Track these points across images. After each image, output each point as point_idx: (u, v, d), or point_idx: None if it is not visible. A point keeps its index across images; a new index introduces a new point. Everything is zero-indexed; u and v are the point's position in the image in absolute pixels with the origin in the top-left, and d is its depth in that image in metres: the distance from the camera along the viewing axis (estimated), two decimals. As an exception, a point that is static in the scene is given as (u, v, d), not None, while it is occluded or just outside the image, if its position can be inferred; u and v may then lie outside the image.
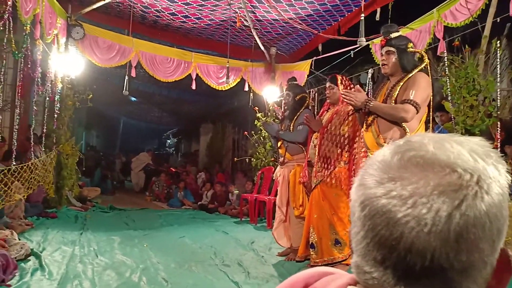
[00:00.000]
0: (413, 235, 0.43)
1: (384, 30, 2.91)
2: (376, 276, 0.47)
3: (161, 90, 9.67)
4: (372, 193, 0.47)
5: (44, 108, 6.11)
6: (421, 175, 0.45)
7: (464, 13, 3.96)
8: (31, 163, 4.80)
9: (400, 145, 0.49)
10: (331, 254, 3.53)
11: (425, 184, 0.44)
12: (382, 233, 0.45)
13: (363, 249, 0.48)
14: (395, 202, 0.45)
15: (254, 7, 5.57)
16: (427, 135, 0.49)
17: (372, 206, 0.46)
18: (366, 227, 0.47)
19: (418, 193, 0.44)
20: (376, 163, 0.49)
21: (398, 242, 0.44)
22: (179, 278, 3.28)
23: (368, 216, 0.47)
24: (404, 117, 2.66)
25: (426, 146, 0.47)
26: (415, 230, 0.43)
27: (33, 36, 4.57)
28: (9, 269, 3.06)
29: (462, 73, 3.64)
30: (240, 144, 11.41)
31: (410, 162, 0.46)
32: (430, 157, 0.46)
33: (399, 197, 0.45)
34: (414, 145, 0.48)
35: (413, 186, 0.44)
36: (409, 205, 0.44)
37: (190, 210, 7.91)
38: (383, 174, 0.47)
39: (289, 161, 4.27)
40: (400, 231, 0.44)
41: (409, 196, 0.44)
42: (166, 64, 6.44)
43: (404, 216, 0.44)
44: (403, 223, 0.44)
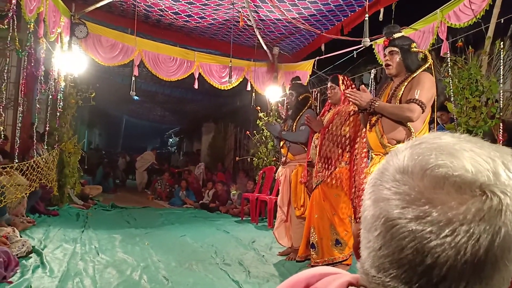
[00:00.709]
0: (449, 264, 0.41)
1: (386, 31, 2.90)
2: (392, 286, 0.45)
3: (163, 89, 9.69)
4: (400, 214, 0.43)
5: (47, 106, 6.13)
6: (460, 199, 0.41)
7: (467, 14, 3.95)
8: (33, 161, 4.82)
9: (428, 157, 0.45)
10: (331, 254, 3.53)
11: (467, 211, 0.41)
12: (411, 258, 0.42)
13: (383, 265, 0.45)
14: (430, 229, 0.41)
15: (257, 6, 5.57)
16: (459, 144, 0.45)
17: (400, 229, 0.43)
18: (391, 248, 0.44)
19: (459, 220, 0.41)
20: (397, 170, 0.46)
21: (431, 269, 0.41)
22: (179, 276, 3.28)
23: (395, 238, 0.43)
24: (410, 117, 2.64)
25: (463, 163, 0.43)
26: (451, 259, 0.41)
27: (36, 34, 4.59)
28: (11, 266, 3.07)
29: (465, 74, 3.63)
30: (242, 143, 11.41)
31: (446, 181, 0.42)
32: (469, 178, 0.42)
33: (436, 224, 0.41)
34: (446, 160, 0.44)
35: (454, 213, 0.41)
36: (447, 233, 0.41)
37: (191, 209, 7.92)
38: (412, 193, 0.43)
39: (291, 161, 4.26)
40: (434, 258, 0.41)
41: (447, 223, 0.41)
42: (169, 63, 6.45)
43: (440, 244, 0.41)
44: (439, 251, 0.41)
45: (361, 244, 0.49)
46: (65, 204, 6.38)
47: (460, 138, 0.47)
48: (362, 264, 0.49)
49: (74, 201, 6.77)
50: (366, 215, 0.48)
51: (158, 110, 13.82)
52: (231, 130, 12.37)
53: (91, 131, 16.48)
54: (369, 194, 0.48)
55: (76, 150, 6.68)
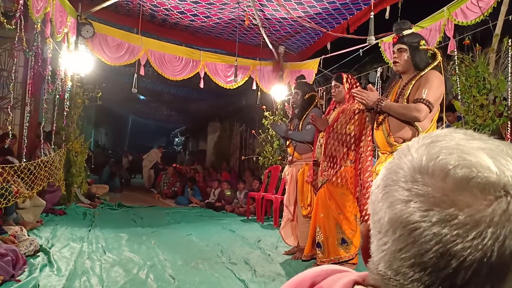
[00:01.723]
0: (475, 267, 0.40)
1: (396, 27, 2.85)
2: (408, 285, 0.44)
3: (169, 88, 9.71)
4: (422, 216, 0.42)
5: (54, 106, 6.17)
6: (486, 201, 0.41)
7: (475, 11, 3.91)
8: (41, 160, 4.86)
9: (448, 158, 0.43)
10: (337, 253, 3.52)
11: (493, 213, 0.40)
12: (435, 261, 0.41)
13: (402, 268, 0.44)
14: (456, 232, 0.40)
15: (263, 5, 5.56)
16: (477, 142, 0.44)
17: (423, 232, 0.42)
18: (413, 251, 0.43)
19: (485, 222, 0.40)
20: (414, 170, 0.44)
21: (456, 273, 0.41)
22: (186, 275, 3.29)
23: (417, 241, 0.42)
24: (417, 117, 2.62)
25: (485, 162, 0.42)
26: (477, 261, 0.40)
27: (43, 34, 4.62)
28: (19, 265, 3.10)
29: (472, 72, 3.59)
30: (247, 142, 11.42)
31: (470, 183, 0.41)
32: (493, 180, 0.41)
33: (464, 226, 0.40)
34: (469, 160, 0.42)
35: (481, 215, 0.40)
36: (474, 236, 0.40)
37: (197, 208, 7.93)
38: (435, 193, 0.42)
39: (297, 160, 4.25)
40: (459, 262, 0.40)
41: (475, 225, 0.40)
42: (175, 62, 6.46)
43: (467, 247, 0.40)
44: (465, 255, 0.40)
45: (372, 245, 0.48)
46: (72, 203, 6.43)
47: (473, 136, 0.46)
48: (376, 266, 0.48)
49: (81, 200, 6.81)
50: (380, 217, 0.46)
51: (164, 109, 13.86)
52: (237, 129, 12.37)
53: (97, 130, 16.58)
54: (382, 195, 0.46)
55: (82, 149, 6.72)
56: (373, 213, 0.48)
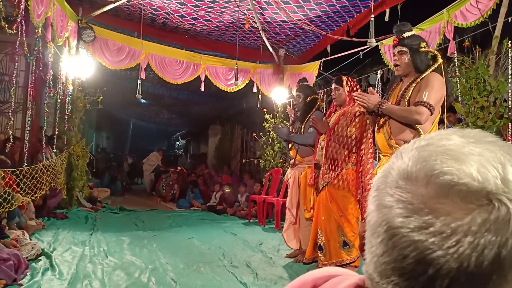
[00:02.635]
0: (452, 275, 0.39)
1: (396, 29, 2.84)
2: None
3: (170, 92, 9.73)
4: (402, 223, 0.42)
5: (55, 110, 6.19)
6: (465, 209, 0.40)
7: (474, 13, 3.92)
8: (42, 165, 4.86)
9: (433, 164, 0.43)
10: (339, 256, 3.51)
11: (472, 222, 0.39)
12: (413, 267, 0.41)
13: (385, 272, 0.44)
14: (433, 240, 0.40)
15: (263, 8, 5.58)
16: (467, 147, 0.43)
17: (402, 238, 0.42)
18: (393, 256, 0.43)
19: (463, 231, 0.39)
20: (400, 175, 0.44)
21: (433, 280, 0.40)
22: (187, 278, 3.29)
23: (397, 246, 0.42)
24: (418, 119, 2.62)
25: (469, 169, 0.41)
26: (454, 270, 0.39)
27: (44, 39, 4.64)
28: (21, 269, 3.10)
29: (472, 74, 3.60)
30: (248, 145, 11.42)
31: (451, 191, 0.41)
32: (475, 188, 0.40)
33: (440, 234, 0.40)
34: (452, 166, 0.42)
35: (458, 223, 0.39)
36: (451, 244, 0.39)
37: (198, 211, 7.93)
38: (415, 201, 0.42)
39: (299, 163, 4.26)
40: (436, 269, 0.40)
41: (451, 234, 0.39)
42: (175, 66, 6.48)
43: (443, 255, 0.40)
44: (441, 263, 0.40)
45: (365, 247, 0.49)
46: (73, 207, 6.43)
47: (470, 139, 0.45)
48: (367, 268, 0.48)
49: (82, 204, 6.82)
50: (369, 219, 0.47)
51: (165, 113, 13.88)
52: (238, 132, 12.39)
53: (99, 134, 16.59)
54: (373, 198, 0.47)
55: (84, 153, 6.73)
56: (367, 215, 0.49)
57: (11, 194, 3.82)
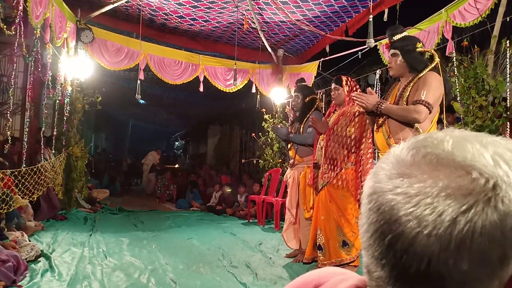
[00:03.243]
0: (412, 235, 0.41)
1: (389, 33, 2.91)
2: (376, 276, 0.46)
3: (169, 92, 9.73)
4: (380, 187, 0.45)
5: (54, 111, 6.18)
6: (431, 174, 0.43)
7: (473, 13, 3.93)
8: (41, 165, 4.86)
9: (418, 141, 0.47)
10: (338, 255, 3.51)
11: (433, 184, 0.42)
12: (383, 228, 0.44)
13: (366, 242, 0.47)
14: (399, 199, 0.43)
15: (261, 9, 5.58)
16: (453, 132, 0.47)
17: (378, 201, 0.45)
18: (370, 220, 0.46)
19: (424, 193, 0.42)
20: (391, 157, 0.48)
21: (396, 240, 0.42)
22: (187, 279, 3.29)
23: (373, 209, 0.45)
24: (416, 118, 2.64)
25: (444, 144, 0.45)
26: (414, 231, 0.41)
27: (43, 40, 4.63)
28: (20, 270, 3.10)
29: (471, 74, 3.60)
30: (247, 145, 11.42)
31: (424, 160, 0.44)
32: (444, 156, 0.43)
33: (404, 195, 0.43)
34: (432, 142, 0.46)
35: (420, 185, 0.42)
36: (412, 204, 0.42)
37: (198, 212, 7.93)
38: (393, 169, 0.46)
39: (299, 163, 4.26)
40: (400, 229, 0.42)
41: (414, 195, 0.42)
42: (174, 66, 6.48)
43: (405, 214, 0.42)
44: (403, 222, 0.42)
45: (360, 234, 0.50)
46: (72, 208, 6.43)
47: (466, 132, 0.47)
48: (363, 259, 0.49)
49: (81, 205, 6.81)
50: (363, 201, 0.49)
51: (164, 113, 13.87)
52: (237, 133, 12.39)
53: (97, 135, 16.56)
54: (368, 181, 0.49)
55: (83, 154, 6.73)
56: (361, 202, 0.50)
57: (9, 196, 3.81)
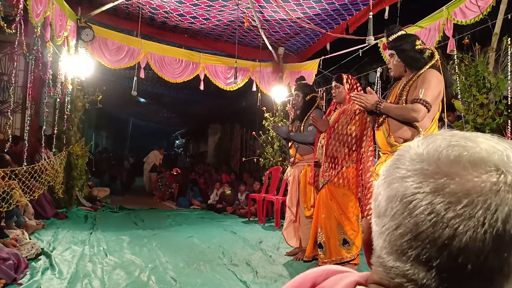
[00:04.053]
0: (468, 235, 0.41)
1: (386, 33, 2.91)
2: (413, 277, 0.44)
3: (169, 91, 9.73)
4: (417, 188, 0.44)
5: (54, 110, 6.17)
6: (477, 172, 0.42)
7: (474, 11, 3.92)
8: (42, 164, 4.86)
9: (445, 138, 0.46)
10: (339, 254, 3.51)
11: (484, 183, 0.42)
12: (429, 231, 0.42)
13: (399, 247, 0.45)
14: (448, 200, 0.42)
15: (262, 7, 5.57)
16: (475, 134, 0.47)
17: (418, 203, 0.43)
18: (407, 225, 0.44)
19: (476, 192, 0.41)
20: (413, 156, 0.47)
21: (450, 243, 0.41)
22: (187, 277, 3.29)
23: (412, 213, 0.43)
24: (414, 117, 2.63)
25: (477, 143, 0.45)
26: (470, 231, 0.41)
27: (43, 38, 4.63)
28: (20, 268, 3.10)
29: (472, 71, 3.60)
30: (248, 144, 11.42)
31: (462, 158, 0.44)
32: (484, 156, 0.43)
33: (454, 195, 0.42)
34: (465, 143, 0.45)
35: (471, 184, 0.42)
36: (465, 203, 0.41)
37: (198, 210, 7.94)
38: (429, 167, 0.44)
39: (299, 161, 4.25)
40: (452, 230, 0.41)
41: (465, 194, 0.41)
42: (175, 65, 6.47)
43: (459, 215, 0.41)
44: (457, 223, 0.41)
45: (373, 234, 0.49)
46: (73, 207, 6.43)
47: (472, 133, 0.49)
48: (378, 256, 0.48)
49: (82, 203, 6.81)
50: (379, 201, 0.48)
51: (165, 112, 13.87)
52: (237, 131, 12.39)
53: (98, 133, 16.58)
54: (383, 180, 0.48)
55: (83, 153, 6.73)
56: (373, 201, 0.49)
57: (9, 194, 3.81)
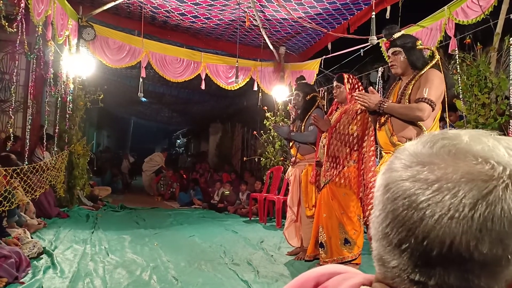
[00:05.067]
0: (434, 219, 0.43)
1: (385, 33, 2.91)
2: (393, 265, 0.46)
3: (171, 90, 9.72)
4: (398, 175, 0.47)
5: (56, 109, 6.18)
6: (451, 162, 0.44)
7: (475, 10, 3.91)
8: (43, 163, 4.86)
9: (434, 135, 0.49)
10: (340, 253, 3.51)
11: (454, 171, 0.43)
12: (403, 215, 0.45)
13: (381, 232, 0.47)
14: (419, 185, 0.44)
15: (263, 6, 5.57)
16: (466, 130, 0.49)
17: (396, 189, 0.46)
18: (387, 209, 0.47)
19: (445, 179, 0.43)
20: (407, 151, 0.49)
21: (417, 226, 0.44)
22: (188, 276, 3.29)
23: (391, 198, 0.46)
24: (420, 116, 2.63)
25: (461, 137, 0.47)
26: (436, 215, 0.43)
27: (45, 37, 4.63)
28: (22, 267, 3.11)
29: (473, 71, 3.59)
30: (249, 143, 11.41)
31: (443, 150, 0.46)
32: (463, 147, 0.45)
33: (425, 181, 0.44)
34: (449, 135, 0.48)
35: (442, 172, 0.44)
36: (433, 189, 0.43)
37: (199, 210, 7.94)
38: (412, 159, 0.47)
39: (300, 161, 4.25)
40: (421, 214, 0.43)
41: (435, 181, 0.44)
42: (176, 64, 6.47)
43: (427, 199, 0.43)
44: (425, 207, 0.43)
45: (370, 223, 0.51)
46: (75, 206, 6.44)
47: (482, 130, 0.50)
48: (375, 252, 0.49)
49: (83, 202, 6.82)
50: (376, 192, 0.50)
51: (166, 111, 13.86)
52: (238, 130, 12.38)
53: (99, 133, 16.59)
54: (382, 173, 0.50)
55: (85, 152, 6.74)
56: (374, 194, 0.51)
57: (11, 193, 3.82)
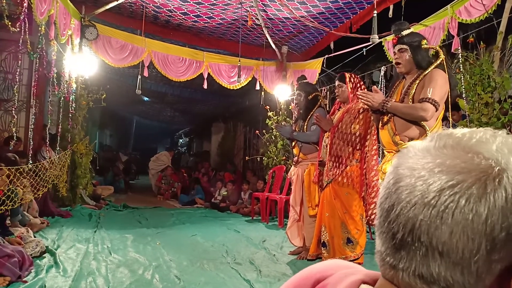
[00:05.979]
0: (402, 204, 0.45)
1: (395, 28, 2.86)
2: (381, 251, 0.49)
3: (173, 89, 9.73)
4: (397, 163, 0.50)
5: (58, 108, 6.19)
6: (441, 154, 0.46)
7: (479, 9, 3.89)
8: (46, 162, 4.88)
9: (442, 132, 0.50)
10: (343, 253, 3.51)
11: (434, 161, 0.45)
12: (387, 201, 0.48)
13: (380, 225, 0.50)
14: (404, 172, 0.47)
15: (266, 5, 5.56)
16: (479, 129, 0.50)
17: (386, 179, 0.50)
18: (381, 196, 0.50)
19: (424, 168, 0.45)
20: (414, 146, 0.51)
21: (391, 209, 0.46)
22: (191, 275, 3.30)
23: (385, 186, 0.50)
24: (423, 116, 2.62)
25: (466, 134, 0.48)
26: (406, 199, 0.45)
27: (47, 37, 4.64)
28: (25, 266, 3.12)
29: (477, 70, 3.58)
30: (251, 143, 11.41)
31: (442, 143, 0.48)
32: (460, 142, 0.47)
33: (410, 168, 0.47)
34: (456, 133, 0.49)
35: (426, 161, 0.46)
36: (412, 176, 0.46)
37: (202, 209, 7.95)
38: (412, 153, 0.49)
39: (303, 160, 4.25)
40: (395, 198, 0.46)
41: (416, 169, 0.46)
42: (178, 63, 6.48)
43: (403, 185, 0.46)
44: (399, 192, 0.46)
45: None
46: (77, 205, 6.46)
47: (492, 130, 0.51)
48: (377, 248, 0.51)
49: (86, 201, 6.84)
50: None
51: (168, 110, 13.87)
52: (241, 130, 12.38)
53: (102, 132, 16.62)
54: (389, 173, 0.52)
55: (87, 151, 6.75)
56: None
57: (14, 192, 3.83)
